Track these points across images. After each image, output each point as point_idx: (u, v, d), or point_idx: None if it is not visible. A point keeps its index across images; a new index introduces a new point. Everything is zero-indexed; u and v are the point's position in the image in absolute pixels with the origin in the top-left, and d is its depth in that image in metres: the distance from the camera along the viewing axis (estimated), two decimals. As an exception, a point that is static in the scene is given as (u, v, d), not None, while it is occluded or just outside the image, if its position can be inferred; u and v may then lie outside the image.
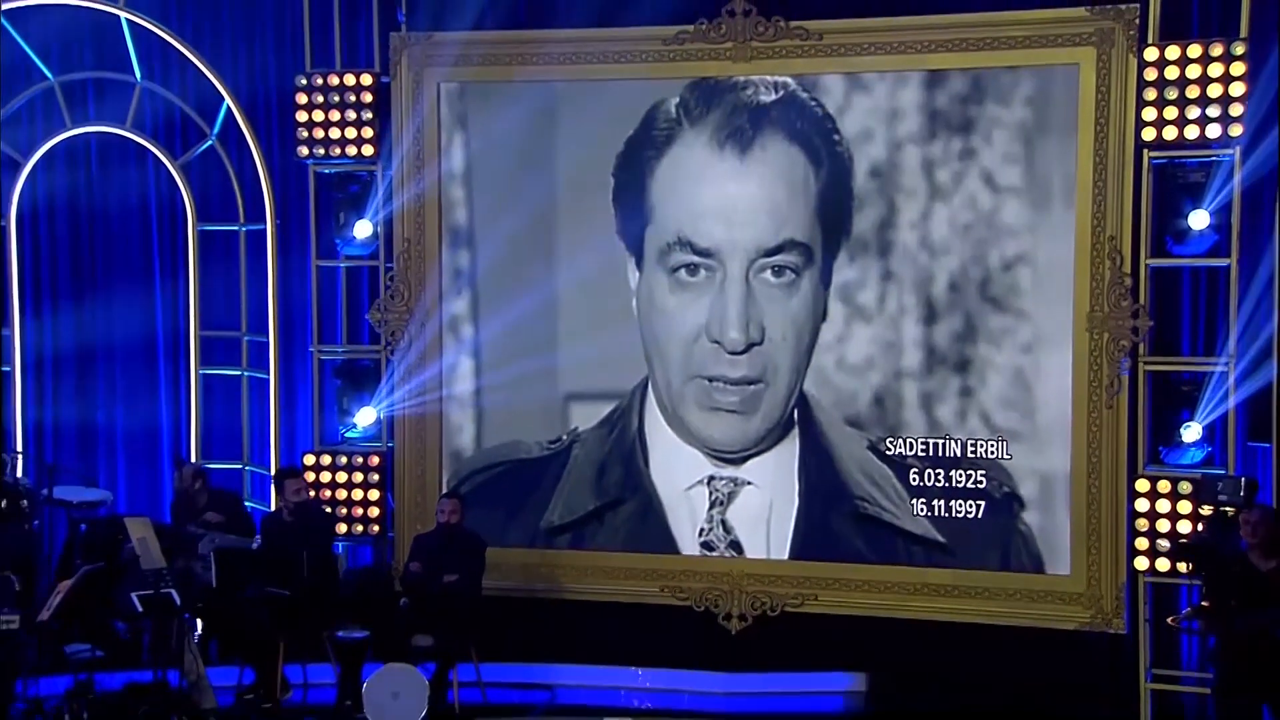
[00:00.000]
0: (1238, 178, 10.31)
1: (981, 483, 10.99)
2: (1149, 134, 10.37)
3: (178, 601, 10.05)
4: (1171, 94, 10.28)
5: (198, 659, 10.44)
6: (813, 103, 11.25)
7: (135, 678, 10.49)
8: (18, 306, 12.86)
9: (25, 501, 11.06)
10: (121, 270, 12.89)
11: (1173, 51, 10.28)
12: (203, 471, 11.77)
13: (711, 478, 11.50)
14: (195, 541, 10.65)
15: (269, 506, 11.83)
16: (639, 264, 11.62)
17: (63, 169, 12.94)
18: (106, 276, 12.89)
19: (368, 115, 12.04)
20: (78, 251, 12.95)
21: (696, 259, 11.39)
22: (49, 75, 12.68)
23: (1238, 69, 10.13)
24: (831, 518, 11.30)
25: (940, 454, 11.10)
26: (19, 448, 12.25)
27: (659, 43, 11.46)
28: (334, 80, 12.09)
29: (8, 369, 12.79)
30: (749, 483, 11.45)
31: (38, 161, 12.81)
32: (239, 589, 10.60)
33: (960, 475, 11.05)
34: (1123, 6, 10.45)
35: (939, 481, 11.08)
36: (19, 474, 11.59)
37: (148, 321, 12.96)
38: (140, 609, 9.97)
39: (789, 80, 11.28)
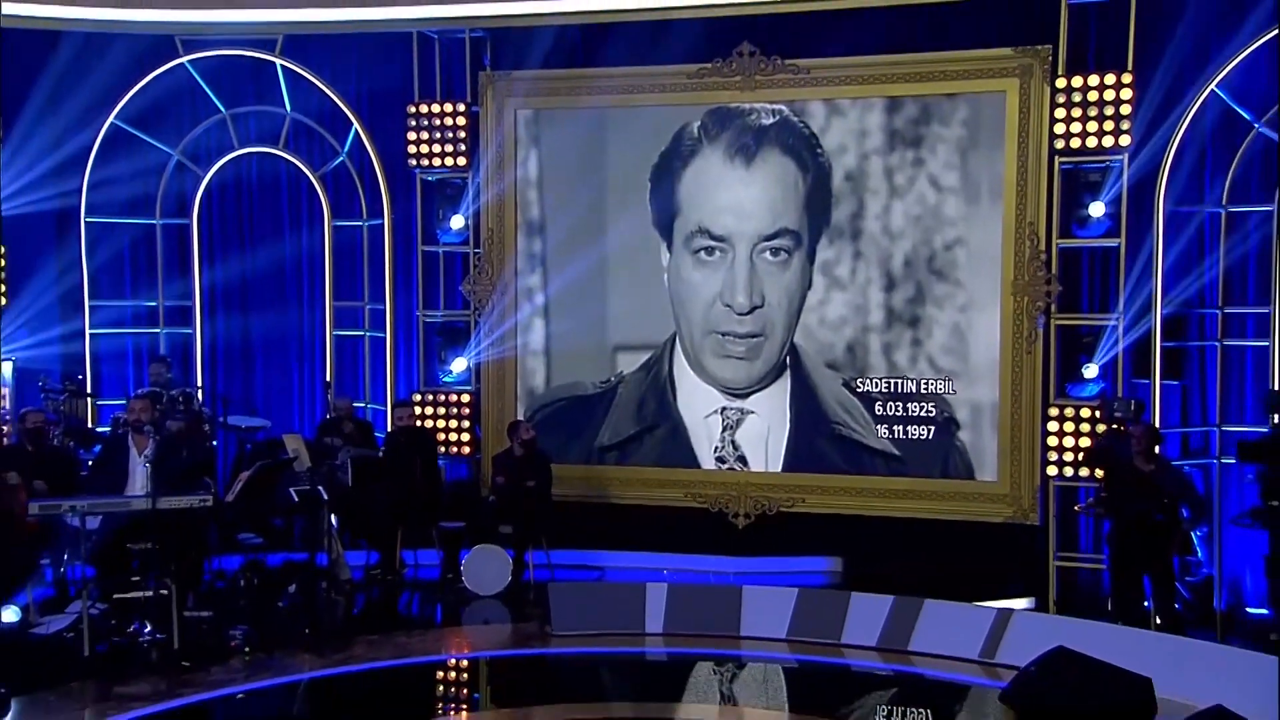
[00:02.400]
0: (1125, 177, 10.41)
1: (930, 411, 11.04)
2: (1059, 144, 10.43)
3: (324, 497, 10.08)
4: (1076, 114, 10.34)
5: (336, 542, 10.46)
6: (801, 124, 11.30)
7: (290, 557, 10.55)
8: (198, 282, 12.91)
9: (207, 425, 11.09)
10: (277, 256, 12.84)
11: (1077, 81, 10.32)
12: (349, 403, 11.88)
13: (724, 408, 11.54)
14: (335, 452, 10.64)
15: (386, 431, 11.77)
16: (669, 247, 11.63)
17: (231, 179, 12.91)
18: (266, 262, 12.83)
19: (461, 135, 12.01)
20: (242, 241, 12.93)
21: (713, 243, 11.43)
22: (221, 109, 12.67)
23: (1126, 94, 10.20)
24: (815, 439, 11.35)
25: (898, 390, 11.13)
26: (200, 384, 12.25)
27: (684, 77, 11.48)
28: (435, 109, 12.07)
29: (190, 331, 12.88)
30: (752, 412, 11.48)
31: (213, 175, 12.82)
32: (367, 489, 10.61)
33: (913, 406, 11.10)
34: (1039, 48, 10.54)
35: (897, 410, 11.12)
36: (202, 404, 11.57)
37: (293, 299, 12.94)
38: (295, 501, 9.98)
39: (783, 107, 11.32)
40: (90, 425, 11.57)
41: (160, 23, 12.35)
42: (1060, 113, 10.37)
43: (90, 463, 10.19)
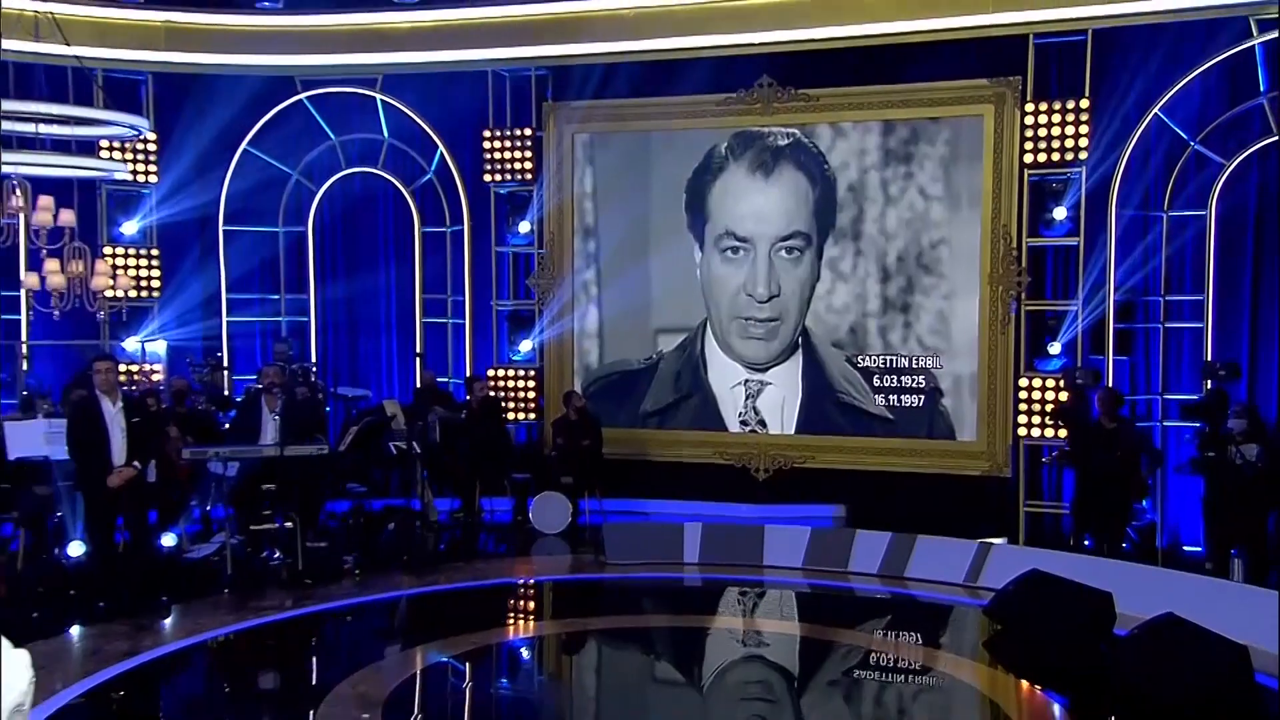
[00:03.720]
0: (1083, 187, 10.35)
1: (919, 383, 11.00)
2: (1028, 159, 10.42)
3: (417, 452, 10.13)
4: (1042, 134, 10.35)
5: (427, 490, 10.49)
6: (811, 144, 11.28)
7: (389, 503, 10.62)
8: (313, 280, 13.00)
9: (322, 394, 11.13)
10: (376, 257, 12.90)
11: (1043, 107, 10.31)
12: (433, 376, 11.93)
13: (746, 380, 11.53)
14: (426, 414, 10.68)
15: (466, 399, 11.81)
16: (701, 247, 11.61)
17: (339, 194, 12.98)
18: (367, 261, 12.90)
19: (528, 155, 12.06)
20: (348, 245, 12.99)
21: (737, 243, 11.43)
22: (331, 136, 12.74)
23: (1084, 118, 10.21)
24: (823, 406, 11.32)
25: (892, 365, 11.10)
26: (314, 361, 12.35)
27: (713, 105, 11.47)
28: (506, 133, 12.12)
29: (305, 319, 12.97)
30: (770, 383, 11.47)
31: (325, 191, 12.90)
32: (452, 446, 10.66)
33: (904, 378, 11.07)
34: (1010, 78, 10.52)
35: (891, 382, 11.10)
36: (317, 376, 11.67)
37: (389, 291, 12.97)
38: (394, 454, 10.05)
39: (796, 130, 11.31)
40: (226, 393, 11.66)
41: (283, 66, 12.45)
42: (1029, 133, 10.37)
43: (228, 423, 10.26)
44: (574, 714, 6.56)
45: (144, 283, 12.34)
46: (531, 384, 12.25)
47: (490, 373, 12.15)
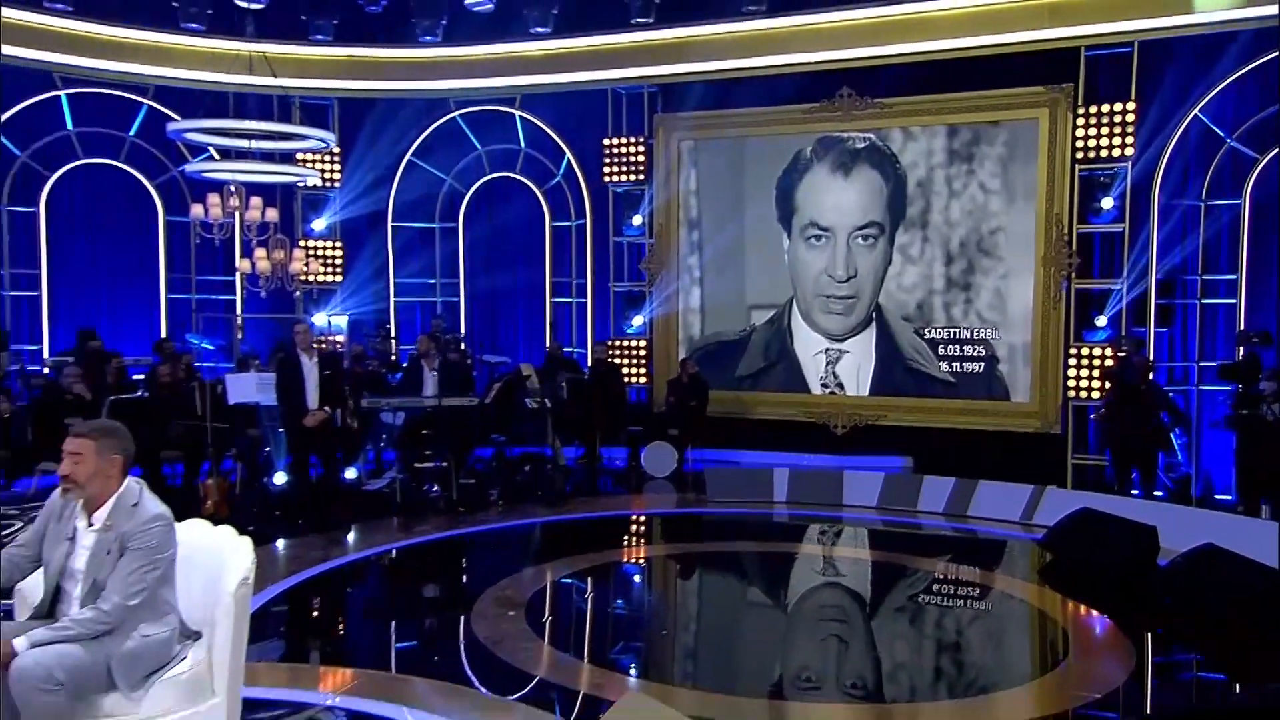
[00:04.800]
0: (1129, 180, 9.96)
1: (979, 351, 10.72)
2: (1079, 156, 10.08)
3: (549, 407, 10.19)
4: (1092, 134, 9.98)
5: (556, 439, 10.55)
6: (885, 146, 11.04)
7: (526, 450, 10.71)
8: (462, 266, 13.17)
9: (469, 360, 11.25)
10: (513, 247, 13.00)
11: (1093, 110, 9.97)
12: (560, 346, 12.01)
13: (827, 349, 11.36)
14: (556, 376, 10.74)
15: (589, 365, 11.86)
16: (788, 235, 11.45)
17: (483, 195, 13.11)
18: (506, 251, 13.01)
19: (640, 159, 12.03)
20: (492, 238, 13.07)
21: (820, 232, 11.25)
22: (477, 146, 12.89)
23: (1130, 119, 9.80)
24: (893, 371, 11.10)
25: (954, 336, 10.83)
26: (463, 333, 12.51)
27: (800, 113, 11.29)
28: (623, 141, 12.11)
29: (456, 299, 13.15)
30: (848, 352, 11.28)
31: (472, 193, 13.05)
32: (578, 402, 10.71)
33: (966, 348, 10.79)
34: (1064, 86, 10.14)
35: (954, 351, 10.83)
36: (466, 344, 11.82)
37: (524, 275, 13.06)
38: (529, 408, 10.13)
39: (872, 134, 11.07)
40: (394, 358, 11.89)
41: (440, 90, 12.63)
42: (1079, 133, 10.02)
43: (395, 384, 10.44)
44: (677, 621, 6.53)
45: (330, 268, 12.69)
46: (642, 352, 12.23)
47: (609, 343, 12.14)
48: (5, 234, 11.48)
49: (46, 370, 10.71)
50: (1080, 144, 10.02)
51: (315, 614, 6.27)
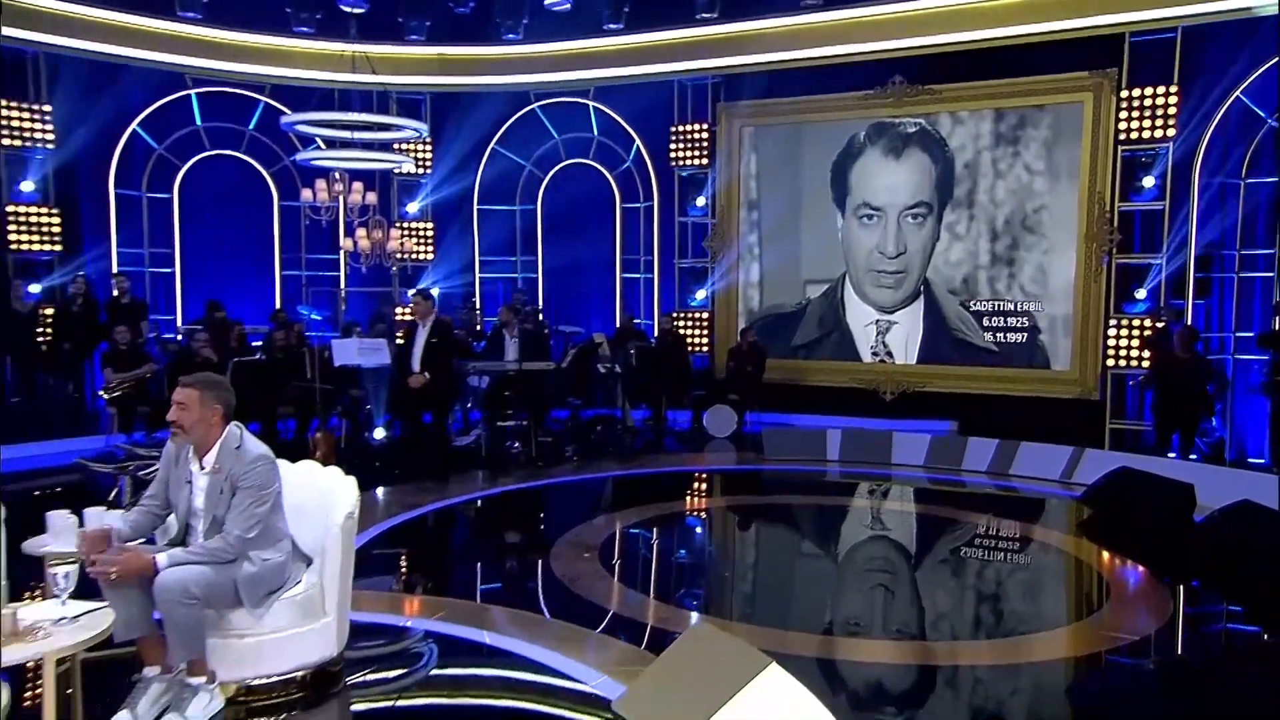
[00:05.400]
0: (1170, 160, 9.59)
1: (1022, 323, 10.46)
2: (1122, 137, 9.74)
3: (619, 372, 10.21)
4: (1135, 116, 9.59)
5: (626, 402, 10.60)
6: (934, 131, 10.79)
7: (598, 411, 10.75)
8: (540, 244, 13.22)
9: (546, 329, 11.28)
10: (587, 226, 12.99)
11: (1136, 93, 9.59)
12: (630, 318, 11.97)
13: (877, 320, 11.20)
14: (626, 344, 10.76)
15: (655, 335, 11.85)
16: (842, 214, 11.28)
17: (560, 181, 13.12)
18: (580, 230, 12.99)
19: (704, 145, 11.93)
20: (567, 217, 13.06)
21: (872, 211, 11.07)
22: (555, 135, 12.91)
23: (1172, 101, 9.42)
24: (940, 341, 10.90)
25: (998, 308, 10.58)
26: (540, 305, 12.57)
27: (854, 100, 11.09)
28: (688, 128, 12.02)
29: (534, 275, 13.22)
30: (896, 323, 11.11)
31: (549, 178, 13.08)
32: (646, 368, 10.72)
33: (1009, 319, 10.53)
34: (1108, 70, 9.78)
35: (998, 321, 10.59)
36: (543, 315, 11.88)
37: (597, 252, 13.05)
38: (602, 373, 10.17)
39: (922, 120, 10.83)
40: (479, 327, 12.03)
41: (521, 83, 12.65)
42: (1123, 115, 9.67)
43: (480, 350, 10.55)
44: (736, 566, 6.53)
45: (422, 246, 12.86)
46: (705, 323, 12.18)
47: (674, 315, 12.12)
48: (145, 218, 11.87)
49: (180, 337, 11.07)
50: (1123, 125, 9.67)
51: (410, 552, 6.38)
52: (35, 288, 10.57)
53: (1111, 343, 9.83)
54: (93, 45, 10.97)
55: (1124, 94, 9.63)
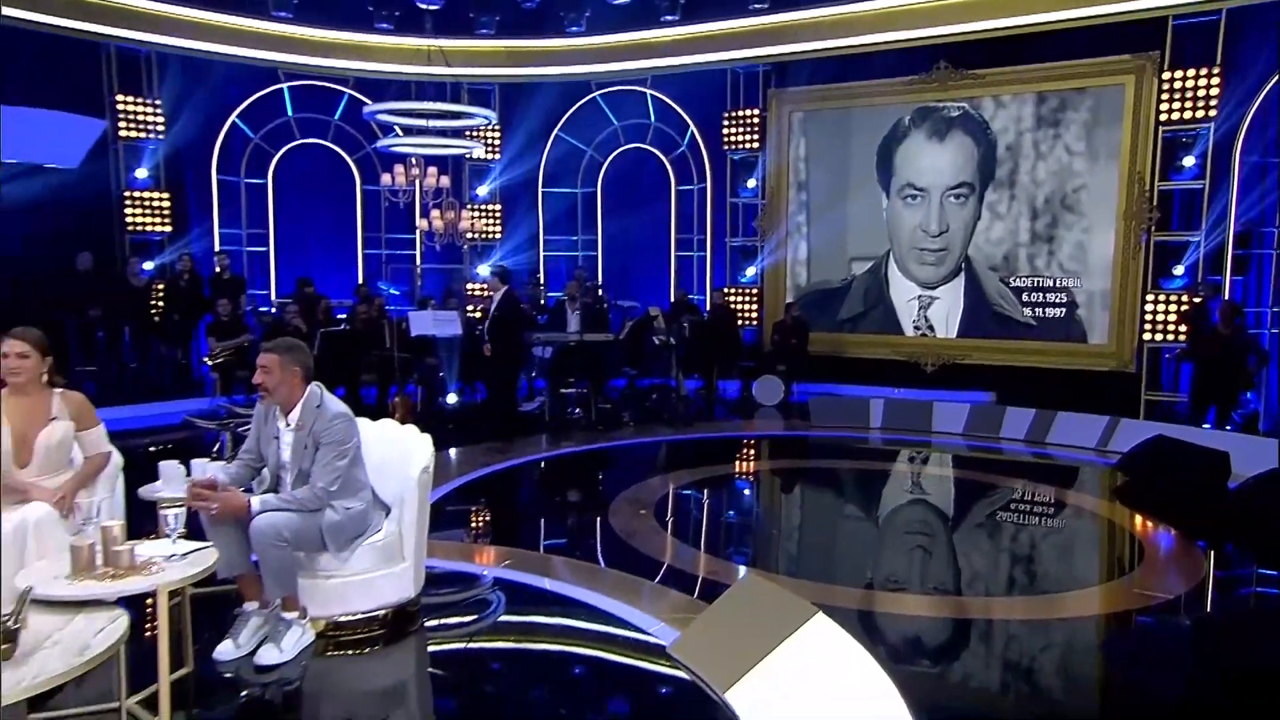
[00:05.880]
0: (1211, 140, 9.18)
1: (1060, 298, 10.15)
2: (1163, 118, 9.34)
3: (673, 343, 10.19)
4: (1176, 98, 9.20)
5: (679, 371, 10.56)
6: (977, 114, 10.48)
7: (653, 381, 10.74)
8: (600, 224, 13.19)
9: (605, 304, 11.23)
10: (643, 207, 12.92)
11: (1178, 75, 9.18)
12: (685, 293, 11.94)
13: (920, 295, 10.96)
14: (680, 318, 10.71)
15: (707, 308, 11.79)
16: (887, 195, 11.04)
17: (619, 164, 13.06)
18: (637, 210, 12.92)
19: (756, 129, 11.77)
20: (625, 199, 13.02)
21: (916, 192, 10.82)
22: (614, 121, 12.84)
23: (1214, 83, 9.01)
24: (980, 315, 10.64)
25: (1038, 284, 10.27)
26: (599, 281, 12.57)
27: (900, 86, 10.80)
28: (740, 113, 11.86)
29: (594, 254, 13.21)
30: (938, 298, 10.86)
31: (609, 162, 13.02)
32: (698, 341, 10.66)
33: (1048, 294, 10.23)
34: (1151, 53, 9.37)
35: (1037, 297, 10.30)
36: (603, 290, 11.90)
37: (653, 231, 12.97)
38: (657, 344, 10.15)
39: (965, 104, 10.53)
40: (542, 302, 12.09)
41: (583, 73, 12.59)
42: (1164, 97, 9.26)
43: (543, 323, 10.60)
44: (782, 525, 6.50)
45: (491, 226, 12.93)
46: (754, 298, 12.07)
47: (725, 290, 12.04)
48: (243, 201, 12.14)
49: (273, 310, 11.33)
50: (1165, 107, 9.28)
51: (480, 506, 6.48)
52: (148, 265, 10.90)
53: (1149, 317, 9.50)
54: (197, 44, 11.22)
55: (1166, 76, 9.23)
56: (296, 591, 3.58)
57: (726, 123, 11.95)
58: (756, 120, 11.76)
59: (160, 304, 10.65)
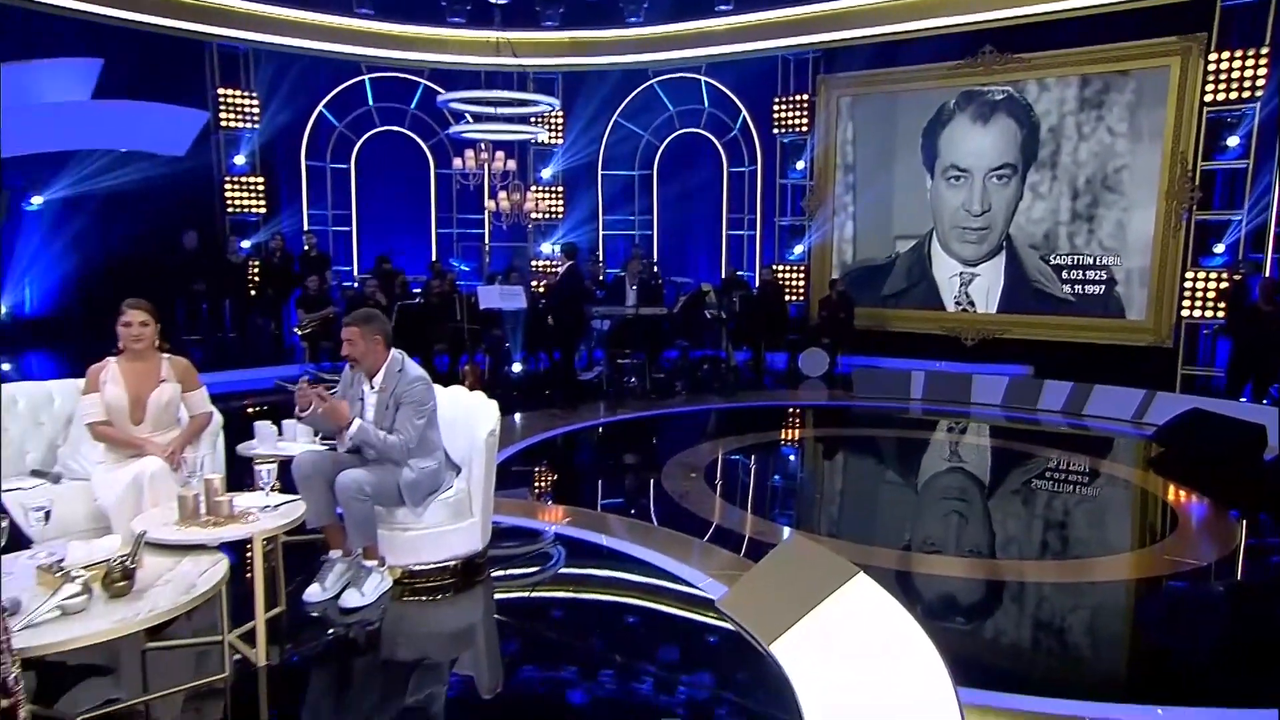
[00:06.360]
0: (1256, 119, 8.70)
1: (1099, 275, 9.78)
2: (1208, 99, 8.89)
3: (723, 317, 10.09)
4: (1222, 78, 8.73)
5: (730, 344, 10.46)
6: (1020, 97, 10.12)
7: (705, 353, 10.64)
8: (655, 204, 13.08)
9: (660, 280, 11.10)
10: (697, 187, 12.79)
11: (1225, 56, 8.69)
12: (734, 270, 11.83)
13: (961, 272, 10.69)
14: (730, 293, 10.61)
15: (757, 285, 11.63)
16: (931, 176, 10.75)
17: (674, 148, 12.92)
18: (691, 190, 12.80)
19: (805, 114, 11.55)
20: (678, 181, 12.91)
21: (959, 173, 10.51)
22: (670, 107, 12.71)
23: (1262, 63, 8.53)
24: (1019, 291, 10.34)
25: (1077, 261, 9.93)
26: (655, 258, 12.49)
27: (945, 70, 10.48)
28: (790, 99, 11.63)
29: (650, 232, 13.12)
30: (979, 275, 10.58)
31: (664, 146, 12.88)
32: (748, 315, 10.55)
33: (1088, 271, 9.88)
34: (1198, 34, 8.89)
35: (1076, 274, 9.96)
36: (657, 268, 11.83)
37: (705, 211, 12.85)
38: (708, 318, 10.06)
39: (1009, 87, 10.14)
40: (601, 278, 12.06)
41: (641, 61, 12.46)
42: (1210, 78, 8.80)
43: (602, 298, 10.58)
44: (825, 489, 6.43)
45: (554, 207, 12.94)
46: (801, 275, 11.89)
47: (774, 267, 11.87)
48: (329, 185, 12.35)
49: (355, 284, 11.53)
50: (1210, 87, 8.83)
51: (542, 467, 6.54)
52: (245, 243, 11.20)
53: (1188, 293, 9.12)
54: (289, 40, 11.41)
55: (1213, 58, 8.77)
56: (376, 542, 3.67)
57: (777, 107, 11.73)
58: (805, 105, 11.52)
59: (256, 279, 10.93)
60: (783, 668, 3.09)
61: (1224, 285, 8.71)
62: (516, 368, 9.42)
